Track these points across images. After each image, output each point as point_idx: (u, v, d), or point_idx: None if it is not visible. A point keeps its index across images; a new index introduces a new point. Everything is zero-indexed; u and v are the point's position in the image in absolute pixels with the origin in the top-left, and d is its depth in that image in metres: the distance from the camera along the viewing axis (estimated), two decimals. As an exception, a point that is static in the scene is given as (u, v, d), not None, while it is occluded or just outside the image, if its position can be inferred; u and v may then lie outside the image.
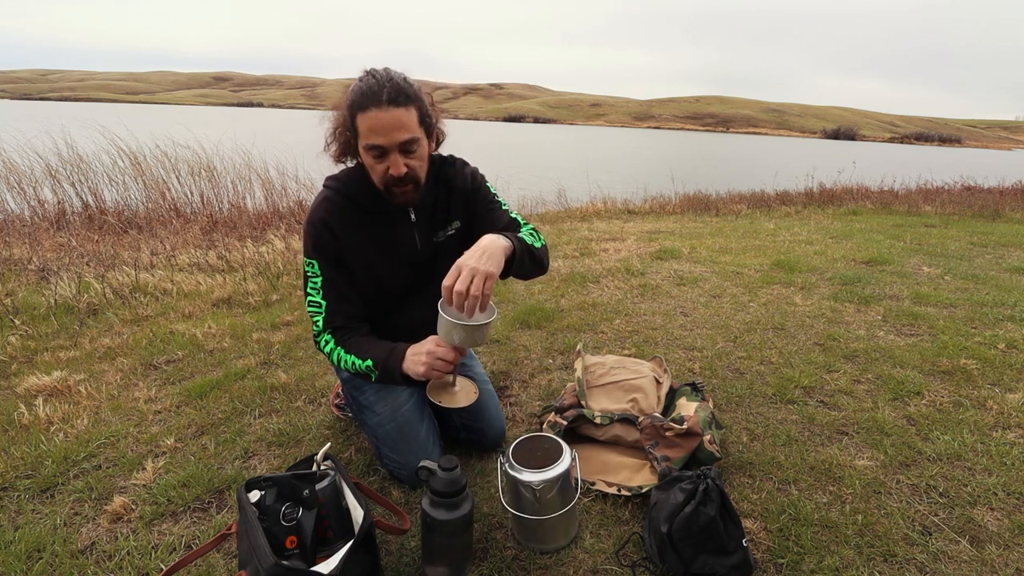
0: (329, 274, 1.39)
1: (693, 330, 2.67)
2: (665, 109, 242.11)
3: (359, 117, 1.24)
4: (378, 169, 1.29)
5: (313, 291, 1.41)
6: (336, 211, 1.38)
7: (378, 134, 1.23)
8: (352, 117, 1.26)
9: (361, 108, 1.23)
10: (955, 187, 9.98)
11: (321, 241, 1.37)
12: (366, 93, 1.23)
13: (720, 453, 1.55)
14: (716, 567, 1.18)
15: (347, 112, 1.27)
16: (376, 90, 1.22)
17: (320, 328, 1.42)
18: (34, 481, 1.53)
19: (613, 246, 4.55)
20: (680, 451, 1.50)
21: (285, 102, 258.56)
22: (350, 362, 1.38)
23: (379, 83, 1.23)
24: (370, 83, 1.23)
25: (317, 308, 1.41)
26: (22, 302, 2.89)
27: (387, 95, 1.21)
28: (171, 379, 2.17)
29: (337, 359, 1.41)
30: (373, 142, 1.24)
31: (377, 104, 1.21)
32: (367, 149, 1.27)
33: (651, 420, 1.56)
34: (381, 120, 1.22)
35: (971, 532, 1.36)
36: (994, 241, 4.88)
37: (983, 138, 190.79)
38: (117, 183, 5.75)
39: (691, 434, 1.51)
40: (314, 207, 1.40)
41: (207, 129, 7.49)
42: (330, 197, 1.40)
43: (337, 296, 1.40)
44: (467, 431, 1.66)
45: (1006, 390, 2.07)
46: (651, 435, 1.54)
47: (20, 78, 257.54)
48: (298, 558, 1.10)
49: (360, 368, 1.37)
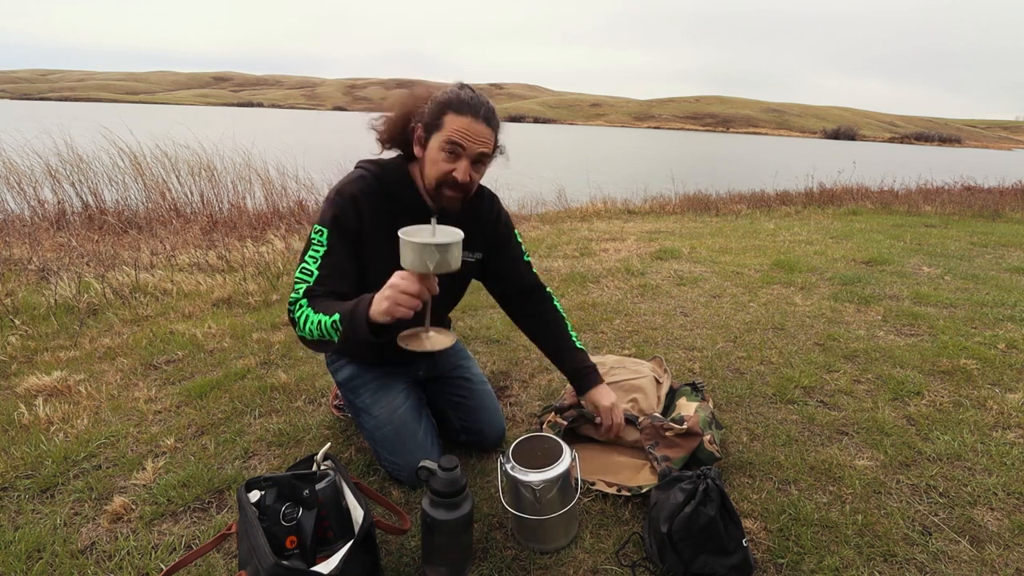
0: (335, 248, 1.35)
1: (693, 330, 2.67)
2: (665, 109, 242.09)
3: (451, 116, 1.29)
4: (443, 167, 1.31)
5: (311, 259, 1.33)
6: (369, 192, 1.38)
7: (465, 137, 1.29)
8: (441, 113, 1.29)
9: (457, 110, 1.29)
10: (955, 187, 9.98)
11: (344, 216, 1.35)
12: (466, 101, 1.29)
13: (720, 453, 1.55)
14: (716, 567, 1.18)
15: (436, 107, 1.30)
16: (476, 104, 1.30)
17: (299, 295, 1.30)
18: (34, 481, 1.53)
19: (613, 246, 4.55)
20: (680, 451, 1.50)
21: (285, 102, 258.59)
22: (316, 321, 1.23)
23: (478, 99, 1.31)
24: (470, 95, 1.31)
25: (307, 276, 1.32)
26: (22, 302, 2.89)
27: (484, 112, 1.30)
28: (171, 379, 2.17)
29: (304, 320, 1.26)
30: (458, 140, 1.29)
31: (475, 114, 1.29)
32: (447, 143, 1.29)
33: (651, 420, 1.56)
34: (473, 128, 1.29)
35: (971, 532, 1.36)
36: (994, 241, 4.88)
37: (983, 138, 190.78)
38: (117, 183, 5.74)
39: (691, 434, 1.51)
40: (348, 181, 1.39)
41: (207, 129, 7.50)
42: (367, 178, 1.40)
43: (332, 271, 1.33)
44: (466, 432, 1.66)
45: (1006, 390, 2.07)
46: (651, 435, 1.54)
47: (20, 78, 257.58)
48: (298, 558, 1.10)
49: (325, 326, 1.21)
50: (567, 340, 1.62)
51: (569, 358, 1.60)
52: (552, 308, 1.65)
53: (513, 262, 1.62)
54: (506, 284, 1.65)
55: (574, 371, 1.59)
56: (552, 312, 1.65)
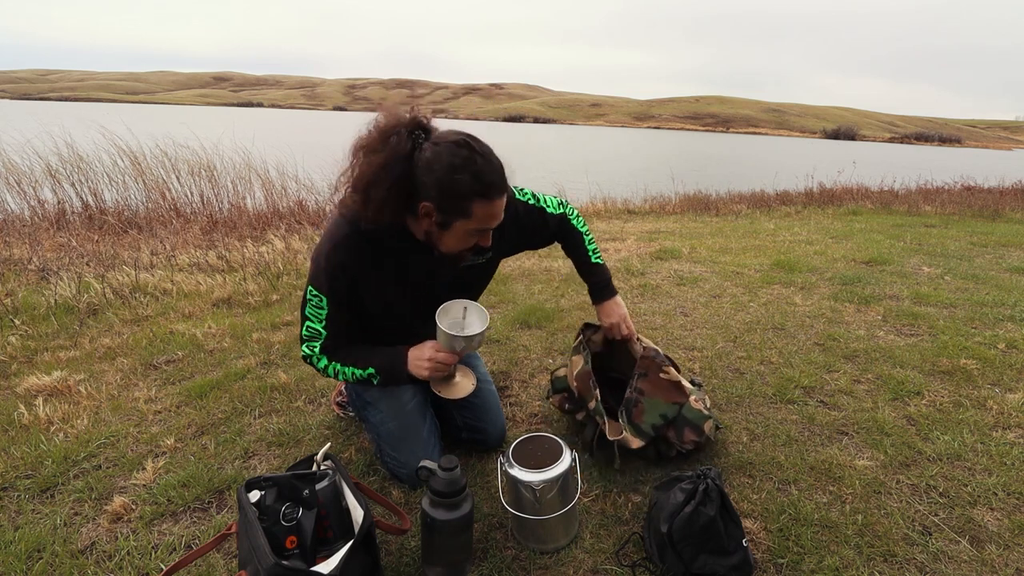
0: (336, 311, 1.38)
1: (693, 330, 2.67)
2: (665, 109, 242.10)
3: (480, 204, 1.21)
4: (468, 242, 1.30)
5: (315, 319, 1.39)
6: (355, 253, 1.32)
7: (494, 219, 1.27)
8: (467, 201, 1.20)
9: (485, 197, 1.21)
10: (955, 187, 9.98)
11: (336, 284, 1.34)
12: (489, 183, 1.21)
13: (708, 412, 1.57)
14: (716, 567, 1.18)
15: (458, 196, 1.19)
16: (499, 182, 1.23)
17: (315, 352, 1.42)
18: (34, 481, 1.53)
19: (613, 246, 4.55)
20: (659, 395, 1.53)
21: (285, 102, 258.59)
22: (349, 372, 1.43)
23: (494, 169, 1.23)
24: (489, 170, 1.21)
25: (315, 335, 1.40)
26: (22, 302, 2.89)
27: (500, 182, 1.24)
28: (171, 379, 2.17)
29: (334, 372, 1.43)
30: (488, 226, 1.27)
31: (499, 194, 1.24)
32: (477, 232, 1.27)
33: (653, 353, 1.59)
34: (498, 207, 1.26)
35: (971, 532, 1.36)
36: (994, 241, 4.88)
37: (983, 138, 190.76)
38: (117, 183, 5.74)
39: (679, 388, 1.54)
40: (334, 244, 1.32)
41: (207, 129, 7.49)
42: (352, 238, 1.31)
43: (338, 328, 1.41)
44: (469, 430, 1.66)
45: (1006, 390, 2.07)
46: (646, 365, 1.57)
47: (20, 78, 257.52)
48: (298, 558, 1.10)
49: (360, 376, 1.43)
50: (584, 256, 1.70)
51: (586, 272, 1.72)
52: (572, 229, 1.68)
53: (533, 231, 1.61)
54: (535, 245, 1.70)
55: (590, 287, 1.72)
56: (572, 233, 1.68)
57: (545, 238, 1.66)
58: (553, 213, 1.62)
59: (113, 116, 7.52)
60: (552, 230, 1.64)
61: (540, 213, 1.59)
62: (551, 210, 1.62)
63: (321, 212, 5.59)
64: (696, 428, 1.52)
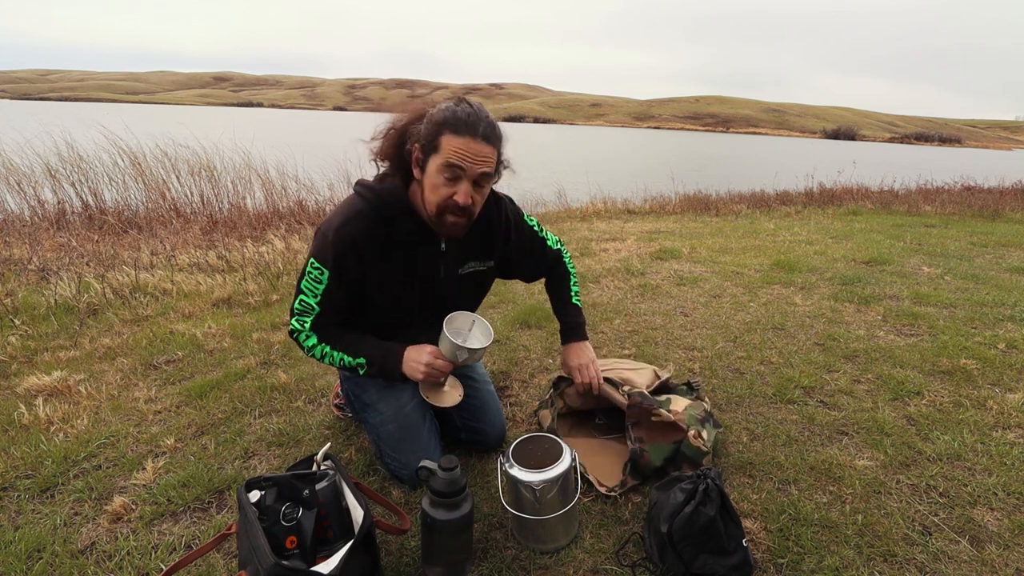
0: (333, 288, 1.38)
1: (693, 330, 2.67)
2: (665, 109, 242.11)
3: (448, 136, 1.23)
4: (443, 192, 1.27)
5: (309, 292, 1.38)
6: (368, 231, 1.33)
7: (464, 158, 1.24)
8: (438, 134, 1.23)
9: (455, 130, 1.23)
10: (955, 187, 9.98)
11: (344, 261, 1.34)
12: (463, 119, 1.23)
13: (707, 448, 1.52)
14: (716, 567, 1.18)
15: (433, 127, 1.24)
16: (474, 120, 1.24)
17: (305, 328, 1.41)
18: (34, 481, 1.53)
19: (613, 246, 4.55)
20: (659, 440, 1.51)
21: (285, 102, 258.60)
22: (337, 357, 1.43)
23: (477, 115, 1.25)
24: (468, 111, 1.25)
25: (308, 309, 1.39)
26: (22, 302, 2.89)
27: (483, 129, 1.24)
28: (171, 379, 2.17)
29: (320, 354, 1.43)
30: (455, 162, 1.23)
31: (473, 133, 1.23)
32: (446, 167, 1.24)
33: (641, 399, 1.54)
34: (472, 148, 1.23)
35: (971, 532, 1.36)
36: (994, 241, 4.88)
37: (983, 138, 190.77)
38: (117, 183, 5.74)
39: (675, 427, 1.51)
40: (345, 219, 1.34)
41: (207, 129, 7.49)
42: (366, 214, 1.34)
43: (333, 306, 1.40)
44: (468, 431, 1.66)
45: (1006, 390, 2.07)
46: (636, 414, 1.54)
47: (20, 78, 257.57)
48: (298, 558, 1.10)
49: (348, 363, 1.43)
50: (567, 294, 1.69)
51: (563, 311, 1.69)
52: (563, 268, 1.71)
53: (532, 256, 1.63)
54: (529, 276, 1.71)
55: (562, 325, 1.69)
56: (560, 272, 1.70)
57: (540, 269, 1.69)
58: (552, 247, 1.67)
59: (113, 116, 7.51)
60: (549, 263, 1.68)
61: (542, 244, 1.65)
62: (551, 244, 1.67)
63: (321, 212, 5.59)
64: (694, 463, 1.50)
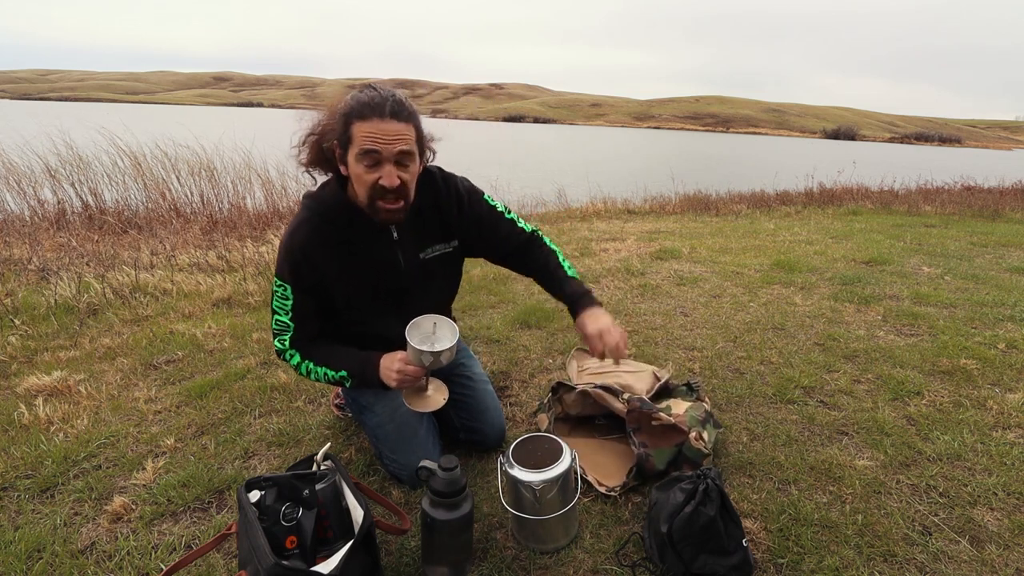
0: (301, 300, 1.39)
1: (693, 330, 2.67)
2: (665, 109, 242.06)
3: (357, 125, 1.22)
4: (368, 179, 1.26)
5: (281, 311, 1.41)
6: (316, 237, 1.35)
7: (376, 142, 1.22)
8: (347, 125, 1.23)
9: (361, 116, 1.22)
10: (955, 187, 9.97)
11: (299, 271, 1.36)
12: (367, 104, 1.22)
13: (708, 450, 1.53)
14: (716, 567, 1.18)
15: (341, 120, 1.24)
16: (379, 102, 1.22)
17: (285, 346, 1.44)
18: (34, 481, 1.53)
19: (613, 246, 4.55)
20: (661, 443, 1.51)
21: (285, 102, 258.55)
22: (321, 373, 1.43)
23: (382, 96, 1.23)
24: (371, 95, 1.23)
25: (284, 328, 1.42)
26: (22, 302, 2.89)
27: (389, 108, 1.22)
28: (171, 379, 2.17)
29: (306, 371, 1.44)
30: (369, 147, 1.22)
31: (380, 115, 1.22)
32: (362, 155, 1.24)
33: (640, 404, 1.56)
34: (381, 128, 1.22)
35: (971, 532, 1.36)
36: (994, 241, 4.88)
37: (983, 138, 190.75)
38: (117, 183, 5.74)
39: (676, 430, 1.51)
40: (292, 231, 1.36)
41: (207, 129, 7.49)
42: (310, 221, 1.36)
43: (305, 318, 1.42)
44: (467, 431, 1.66)
45: (1006, 390, 2.07)
46: (636, 419, 1.54)
47: (20, 78, 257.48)
48: (298, 558, 1.10)
49: (333, 378, 1.44)
50: (559, 271, 1.56)
51: (562, 285, 1.54)
52: (543, 248, 1.60)
53: (495, 230, 1.55)
54: (496, 251, 1.61)
55: (567, 298, 1.53)
56: (543, 252, 1.59)
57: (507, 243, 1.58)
58: (520, 227, 1.59)
59: (113, 116, 7.52)
60: (519, 239, 1.58)
61: (501, 217, 1.56)
62: (520, 224, 1.59)
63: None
64: (695, 464, 1.51)
